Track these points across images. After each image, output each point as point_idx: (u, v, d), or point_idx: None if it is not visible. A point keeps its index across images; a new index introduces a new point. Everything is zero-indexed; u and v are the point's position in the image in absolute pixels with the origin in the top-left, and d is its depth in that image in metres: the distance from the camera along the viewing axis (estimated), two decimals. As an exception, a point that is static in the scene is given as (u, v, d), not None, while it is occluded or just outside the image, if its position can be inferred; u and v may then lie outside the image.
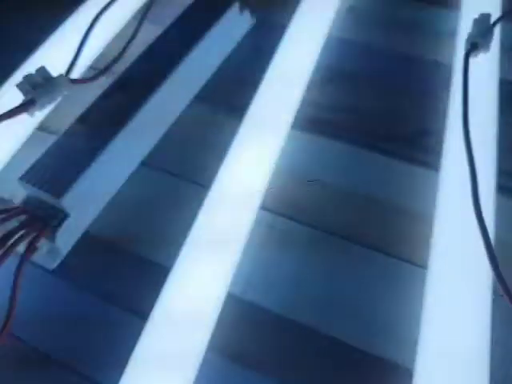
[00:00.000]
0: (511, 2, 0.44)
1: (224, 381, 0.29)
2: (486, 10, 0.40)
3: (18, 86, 0.32)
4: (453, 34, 0.43)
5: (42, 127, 0.40)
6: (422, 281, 0.30)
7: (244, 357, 0.29)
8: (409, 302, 0.30)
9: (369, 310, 0.31)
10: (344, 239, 0.34)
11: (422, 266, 0.31)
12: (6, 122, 0.31)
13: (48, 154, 0.33)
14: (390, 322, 0.30)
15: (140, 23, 0.42)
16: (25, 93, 0.32)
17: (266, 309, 0.31)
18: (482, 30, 0.37)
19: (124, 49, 0.39)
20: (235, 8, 0.43)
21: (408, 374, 0.27)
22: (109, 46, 0.44)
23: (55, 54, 0.39)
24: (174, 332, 0.28)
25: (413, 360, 0.27)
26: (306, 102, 0.41)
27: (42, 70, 0.32)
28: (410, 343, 0.28)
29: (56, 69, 0.34)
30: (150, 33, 0.42)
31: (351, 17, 0.49)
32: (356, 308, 0.31)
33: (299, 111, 0.40)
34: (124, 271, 0.33)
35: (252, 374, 0.29)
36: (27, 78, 0.32)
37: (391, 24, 0.48)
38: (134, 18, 0.47)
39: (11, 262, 0.30)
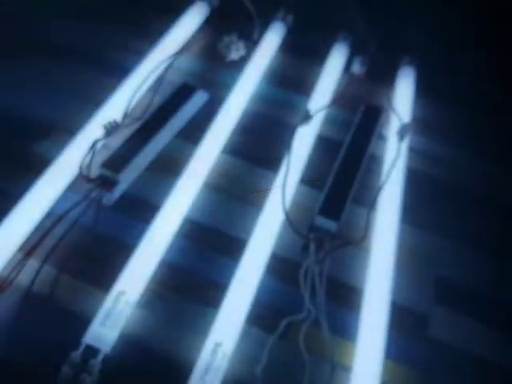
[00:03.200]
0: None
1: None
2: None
3: (103, 126, 0.75)
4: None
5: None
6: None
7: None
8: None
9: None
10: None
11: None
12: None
13: (114, 153, 0.77)
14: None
15: (154, 94, 0.86)
16: (105, 130, 0.75)
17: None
18: (306, 116, 0.83)
19: (145, 109, 0.83)
20: (199, 92, 0.89)
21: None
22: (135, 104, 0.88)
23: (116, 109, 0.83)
24: None
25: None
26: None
27: (114, 121, 0.76)
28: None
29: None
30: (156, 99, 0.87)
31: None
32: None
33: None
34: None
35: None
36: (107, 124, 0.76)
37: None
38: (148, 89, 0.91)
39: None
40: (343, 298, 0.70)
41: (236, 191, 0.81)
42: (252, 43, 1.02)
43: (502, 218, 0.83)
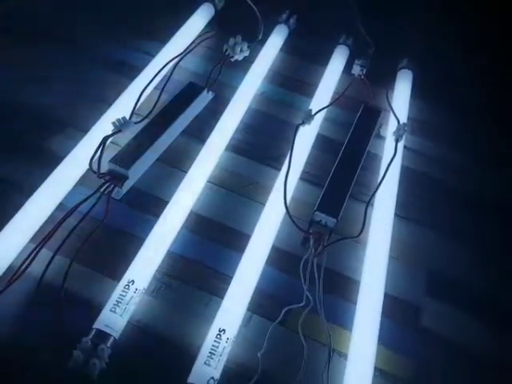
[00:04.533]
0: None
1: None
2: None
3: (112, 123, 0.79)
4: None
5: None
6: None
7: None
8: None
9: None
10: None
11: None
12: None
13: (123, 149, 0.80)
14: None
15: (161, 93, 0.89)
16: (114, 127, 0.79)
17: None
18: (308, 115, 0.87)
19: (153, 107, 0.87)
20: (205, 91, 0.92)
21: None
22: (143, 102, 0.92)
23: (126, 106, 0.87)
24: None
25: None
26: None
27: (123, 118, 0.79)
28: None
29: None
30: (163, 98, 0.90)
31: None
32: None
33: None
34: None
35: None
36: (116, 120, 0.79)
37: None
38: (155, 88, 0.95)
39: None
40: (340, 288, 0.74)
41: (239, 187, 0.84)
42: (256, 44, 1.06)
43: (491, 215, 0.87)
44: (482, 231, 0.85)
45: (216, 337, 0.63)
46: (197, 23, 1.09)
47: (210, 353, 0.62)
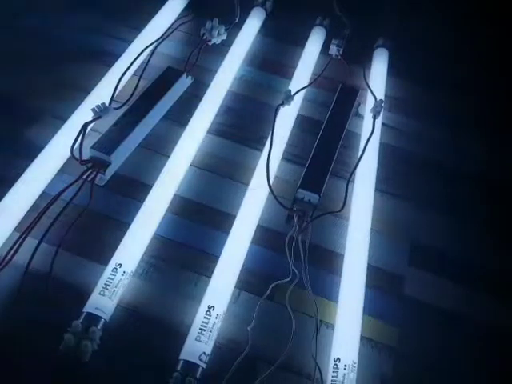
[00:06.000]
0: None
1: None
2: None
3: (92, 109, 0.78)
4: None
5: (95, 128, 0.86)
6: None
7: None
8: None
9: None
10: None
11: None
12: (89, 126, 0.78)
13: (104, 135, 0.80)
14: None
15: (139, 79, 0.89)
16: (94, 113, 0.78)
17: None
18: (287, 96, 0.88)
19: (132, 93, 0.86)
20: (184, 76, 0.92)
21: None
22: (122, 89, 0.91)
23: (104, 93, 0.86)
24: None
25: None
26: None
27: (102, 104, 0.79)
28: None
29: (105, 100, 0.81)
30: (142, 84, 0.90)
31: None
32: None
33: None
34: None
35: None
36: (95, 107, 0.78)
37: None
38: (134, 74, 0.94)
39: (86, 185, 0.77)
40: (325, 262, 0.76)
41: (222, 169, 0.85)
42: (233, 28, 1.06)
43: (469, 186, 0.90)
44: (460, 202, 0.88)
45: (206, 313, 0.65)
46: (173, 8, 1.08)
47: (201, 329, 0.63)
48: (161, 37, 0.96)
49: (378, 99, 0.90)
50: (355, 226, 0.78)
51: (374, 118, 0.86)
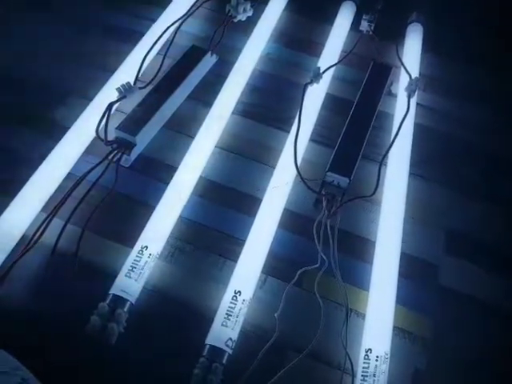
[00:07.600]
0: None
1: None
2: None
3: (117, 89, 0.77)
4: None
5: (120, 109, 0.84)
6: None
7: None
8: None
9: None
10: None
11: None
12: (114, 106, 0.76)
13: (129, 116, 0.78)
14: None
15: (164, 58, 0.87)
16: (119, 93, 0.77)
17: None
18: (316, 74, 0.84)
19: (157, 72, 0.84)
20: (208, 54, 0.89)
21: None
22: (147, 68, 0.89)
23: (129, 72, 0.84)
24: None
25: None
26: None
27: (127, 83, 0.77)
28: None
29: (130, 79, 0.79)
30: (166, 62, 0.87)
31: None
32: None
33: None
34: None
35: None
36: (120, 86, 0.77)
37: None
38: (158, 53, 0.92)
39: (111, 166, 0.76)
40: (355, 249, 0.73)
41: (248, 151, 0.82)
42: (259, 4, 1.02)
43: (510, 171, 0.85)
44: (499, 188, 0.82)
45: (232, 298, 0.63)
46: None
47: (227, 314, 0.62)
48: (185, 14, 0.93)
49: (413, 77, 0.85)
50: (388, 211, 0.74)
51: (409, 97, 0.82)
